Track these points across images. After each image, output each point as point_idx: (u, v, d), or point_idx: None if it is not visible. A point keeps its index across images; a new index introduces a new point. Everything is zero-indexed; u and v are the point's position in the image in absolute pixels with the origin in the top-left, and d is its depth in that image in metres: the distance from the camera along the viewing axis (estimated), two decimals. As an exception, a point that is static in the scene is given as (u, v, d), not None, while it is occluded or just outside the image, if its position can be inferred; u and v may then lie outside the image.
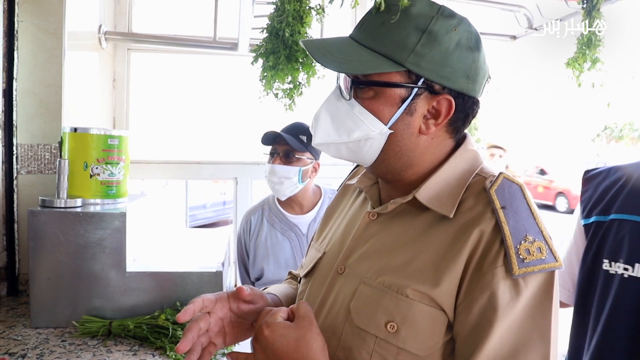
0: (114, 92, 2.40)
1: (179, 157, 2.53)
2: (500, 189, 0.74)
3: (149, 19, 2.46)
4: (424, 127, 0.78)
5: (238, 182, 2.57)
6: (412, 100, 0.76)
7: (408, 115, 0.77)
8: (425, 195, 0.78)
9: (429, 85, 0.76)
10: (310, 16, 1.51)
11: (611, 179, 1.16)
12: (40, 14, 1.81)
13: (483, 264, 0.70)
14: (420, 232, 0.78)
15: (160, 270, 1.58)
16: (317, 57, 0.78)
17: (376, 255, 0.80)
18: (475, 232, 0.72)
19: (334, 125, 0.80)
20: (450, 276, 0.71)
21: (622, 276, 1.07)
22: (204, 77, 2.59)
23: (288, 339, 0.73)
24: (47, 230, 1.51)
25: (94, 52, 2.16)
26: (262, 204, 2.00)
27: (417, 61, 0.74)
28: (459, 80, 0.77)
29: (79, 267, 1.52)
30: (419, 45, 0.74)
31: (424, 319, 0.71)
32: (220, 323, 0.88)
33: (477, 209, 0.74)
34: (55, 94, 1.81)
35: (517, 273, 0.68)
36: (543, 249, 0.70)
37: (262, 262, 1.91)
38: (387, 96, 0.76)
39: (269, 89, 1.77)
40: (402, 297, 0.73)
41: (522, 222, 0.71)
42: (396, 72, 0.75)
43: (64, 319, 1.52)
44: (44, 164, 1.80)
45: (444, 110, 0.77)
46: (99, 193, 1.66)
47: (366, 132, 0.77)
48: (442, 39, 0.75)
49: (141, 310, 1.54)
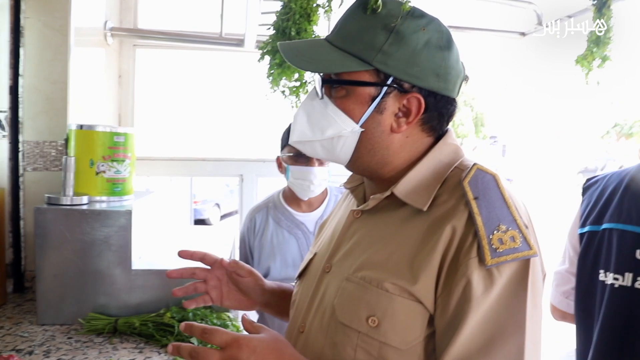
0: (120, 88, 2.40)
1: (184, 154, 2.53)
2: (474, 180, 0.75)
3: (155, 15, 2.45)
4: (396, 125, 0.80)
5: (243, 180, 2.56)
6: (382, 98, 0.78)
7: (378, 113, 0.79)
8: (402, 190, 0.80)
9: (399, 84, 0.78)
10: (317, 14, 1.50)
11: (605, 186, 1.15)
12: (47, 10, 1.80)
13: (458, 256, 0.71)
14: (397, 226, 0.80)
15: (166, 268, 1.57)
16: (289, 57, 0.81)
17: (358, 252, 0.83)
18: (449, 225, 0.73)
19: (309, 123, 0.83)
20: (427, 271, 0.72)
21: (612, 286, 1.06)
22: (210, 74, 2.58)
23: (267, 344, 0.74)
24: (53, 227, 1.51)
25: (100, 49, 2.16)
26: (267, 202, 1.98)
27: (385, 60, 0.77)
28: (429, 79, 0.78)
29: (85, 265, 1.52)
30: (386, 45, 0.76)
31: (404, 312, 0.73)
32: (217, 280, 1.06)
33: (451, 201, 0.75)
34: (61, 90, 1.81)
35: (490, 263, 0.68)
36: (517, 237, 0.70)
37: (268, 261, 1.90)
38: (358, 95, 0.79)
39: (276, 85, 1.76)
40: (382, 292, 0.75)
41: (495, 212, 0.72)
42: (365, 72, 0.78)
43: (70, 316, 1.52)
44: (50, 161, 1.80)
45: (414, 109, 0.79)
46: (105, 190, 1.66)
47: (338, 130, 0.79)
48: (410, 38, 0.77)
49: (147, 308, 1.54)
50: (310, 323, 0.85)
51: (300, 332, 0.87)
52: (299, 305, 0.92)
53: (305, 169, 1.79)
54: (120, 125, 2.36)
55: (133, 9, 2.38)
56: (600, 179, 1.19)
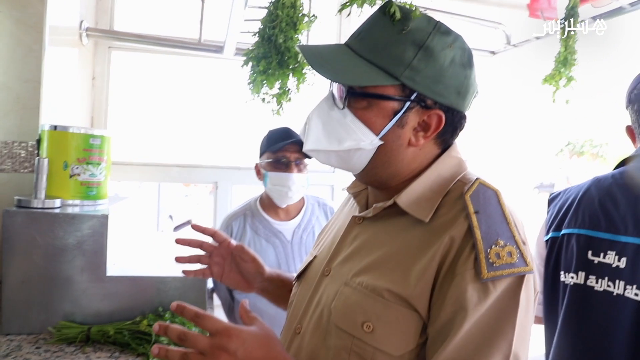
0: (93, 90, 2.34)
1: (158, 160, 2.48)
2: (475, 194, 0.76)
3: (132, 18, 2.41)
4: (414, 139, 0.80)
5: (218, 187, 2.53)
6: (404, 113, 0.78)
7: (399, 127, 0.79)
8: (405, 200, 0.80)
9: (422, 100, 0.78)
10: (303, 23, 1.51)
11: (565, 198, 1.25)
12: (20, 5, 1.74)
13: (455, 266, 0.71)
14: (397, 234, 0.80)
15: (142, 275, 1.54)
16: (315, 65, 0.79)
17: (357, 258, 0.83)
18: (448, 235, 0.73)
19: (325, 132, 0.81)
20: (424, 279, 0.73)
21: (569, 285, 1.14)
22: (187, 80, 2.55)
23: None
24: (22, 231, 1.44)
25: (74, 49, 2.10)
26: (244, 210, 1.95)
27: (412, 76, 0.76)
28: (451, 96, 0.79)
29: (56, 271, 1.46)
30: (415, 60, 0.76)
31: (398, 319, 0.74)
32: (221, 257, 1.12)
33: (451, 213, 0.76)
34: (33, 90, 1.74)
35: (486, 277, 0.69)
36: (514, 253, 0.72)
37: None
38: (380, 108, 0.78)
39: (257, 92, 1.75)
40: (378, 298, 0.75)
41: (494, 227, 0.73)
42: (391, 85, 0.77)
43: (38, 324, 1.46)
44: (19, 162, 1.73)
45: (433, 124, 0.79)
46: (79, 194, 1.60)
47: (357, 141, 0.79)
48: (438, 55, 0.77)
49: (121, 316, 1.49)
50: (306, 325, 0.85)
51: (296, 333, 0.87)
52: (296, 306, 0.92)
53: (284, 175, 1.79)
54: (92, 128, 2.30)
55: (109, 10, 2.33)
56: (562, 192, 1.28)
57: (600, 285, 1.08)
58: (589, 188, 1.18)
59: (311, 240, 1.88)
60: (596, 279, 1.09)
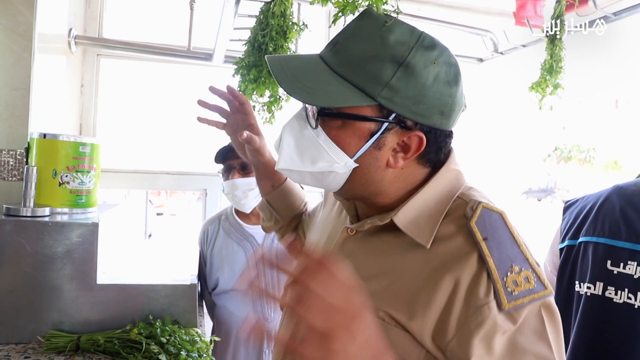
0: (82, 98, 2.33)
1: (147, 167, 2.47)
2: (481, 220, 0.71)
3: (121, 26, 2.41)
4: (392, 161, 0.75)
5: (207, 194, 2.53)
6: (382, 134, 0.72)
7: (376, 149, 0.73)
8: (403, 219, 0.75)
9: (401, 121, 0.72)
10: (293, 31, 1.53)
11: (582, 205, 1.22)
12: (9, 13, 1.73)
13: (472, 299, 0.67)
14: (397, 257, 0.76)
15: (133, 283, 1.53)
16: (284, 83, 0.73)
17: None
18: (456, 270, 0.69)
19: (298, 151, 0.76)
20: (430, 310, 0.69)
21: (585, 295, 1.11)
22: (176, 87, 2.55)
23: None
24: (11, 240, 1.43)
25: (63, 56, 2.09)
26: (219, 215, 2.05)
27: (391, 96, 0.70)
28: (433, 116, 0.73)
29: (45, 279, 1.45)
30: (393, 79, 0.69)
31: (397, 341, 0.70)
32: (235, 124, 1.14)
33: (457, 240, 0.71)
34: (22, 97, 1.73)
35: (507, 307, 0.65)
36: (531, 278, 0.68)
37: (217, 272, 1.94)
38: (355, 129, 0.72)
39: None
40: (377, 320, 0.70)
41: (506, 253, 0.69)
42: (367, 106, 0.71)
43: (27, 334, 1.44)
44: (8, 170, 1.72)
45: (413, 146, 0.74)
46: (68, 202, 1.60)
47: (330, 163, 0.74)
48: (420, 73, 0.70)
49: (111, 325, 1.48)
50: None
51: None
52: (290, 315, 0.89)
53: (229, 182, 1.87)
54: (81, 136, 2.29)
55: (98, 18, 2.33)
56: (579, 199, 1.25)
57: (620, 297, 1.04)
58: (609, 195, 1.15)
59: None
60: (615, 290, 1.05)
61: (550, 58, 2.17)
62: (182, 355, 1.37)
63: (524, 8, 2.16)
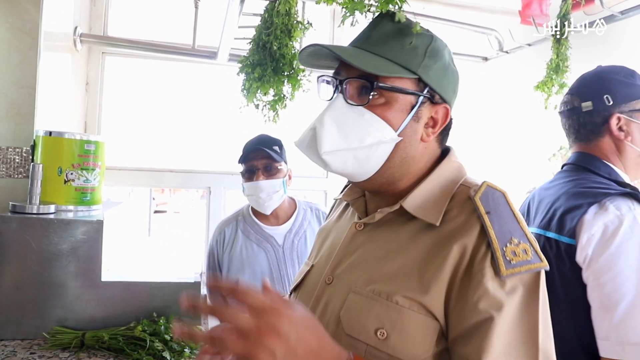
0: (87, 96, 2.34)
1: (151, 165, 2.48)
2: (485, 196, 0.77)
3: (126, 24, 2.41)
4: (425, 135, 0.83)
5: (211, 192, 2.54)
6: (419, 107, 0.80)
7: (415, 121, 0.81)
8: (412, 204, 0.80)
9: (432, 95, 0.82)
10: (298, 30, 1.53)
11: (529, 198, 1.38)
12: (15, 12, 1.74)
13: (472, 267, 0.72)
14: (407, 240, 0.80)
15: (137, 280, 1.54)
16: (346, 56, 0.77)
17: (365, 265, 0.82)
18: (462, 238, 0.74)
19: (342, 133, 0.79)
20: (438, 282, 0.73)
21: None
22: (180, 85, 2.56)
23: None
24: (17, 237, 1.44)
25: (68, 54, 2.10)
26: (235, 216, 1.99)
27: (427, 71, 0.80)
28: (450, 93, 0.84)
29: (50, 276, 1.46)
30: (426, 57, 0.80)
31: (413, 325, 0.73)
32: None
33: (462, 216, 0.77)
34: (28, 95, 1.74)
35: (505, 274, 0.70)
36: (528, 250, 0.73)
37: (237, 274, 1.89)
38: (399, 102, 0.79)
39: (251, 100, 1.76)
40: (392, 304, 0.74)
41: (506, 226, 0.74)
42: (408, 79, 0.79)
43: (33, 330, 1.46)
44: (14, 168, 1.73)
45: (440, 119, 0.83)
46: (73, 199, 1.61)
47: (378, 138, 0.78)
48: (442, 53, 0.82)
49: (115, 321, 1.49)
50: None
51: None
52: None
53: (252, 184, 1.83)
54: (86, 133, 2.30)
55: (103, 16, 2.34)
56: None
57: None
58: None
59: (303, 246, 1.90)
60: None
61: (557, 57, 2.15)
62: (186, 353, 1.38)
63: (529, 6, 2.15)
